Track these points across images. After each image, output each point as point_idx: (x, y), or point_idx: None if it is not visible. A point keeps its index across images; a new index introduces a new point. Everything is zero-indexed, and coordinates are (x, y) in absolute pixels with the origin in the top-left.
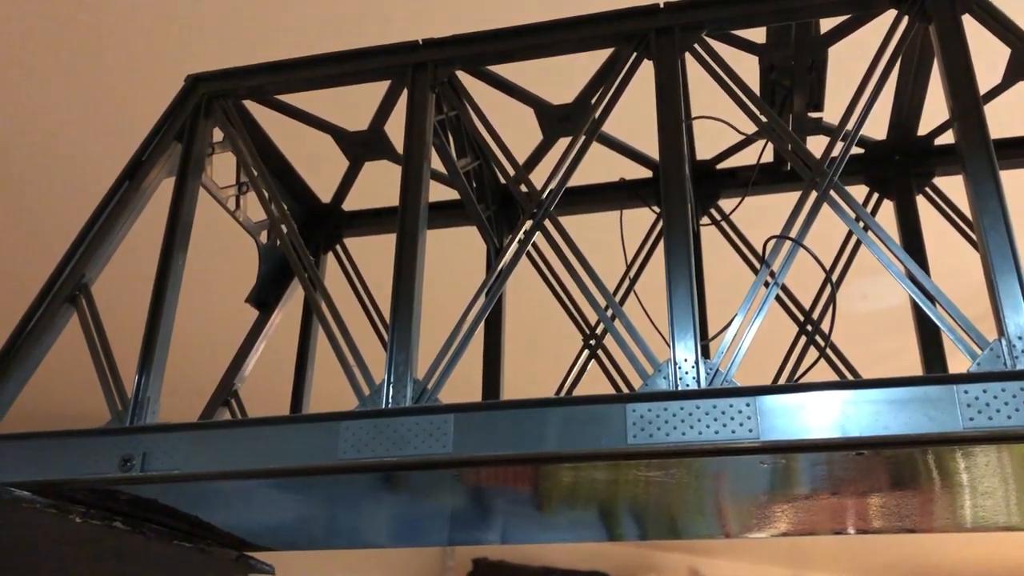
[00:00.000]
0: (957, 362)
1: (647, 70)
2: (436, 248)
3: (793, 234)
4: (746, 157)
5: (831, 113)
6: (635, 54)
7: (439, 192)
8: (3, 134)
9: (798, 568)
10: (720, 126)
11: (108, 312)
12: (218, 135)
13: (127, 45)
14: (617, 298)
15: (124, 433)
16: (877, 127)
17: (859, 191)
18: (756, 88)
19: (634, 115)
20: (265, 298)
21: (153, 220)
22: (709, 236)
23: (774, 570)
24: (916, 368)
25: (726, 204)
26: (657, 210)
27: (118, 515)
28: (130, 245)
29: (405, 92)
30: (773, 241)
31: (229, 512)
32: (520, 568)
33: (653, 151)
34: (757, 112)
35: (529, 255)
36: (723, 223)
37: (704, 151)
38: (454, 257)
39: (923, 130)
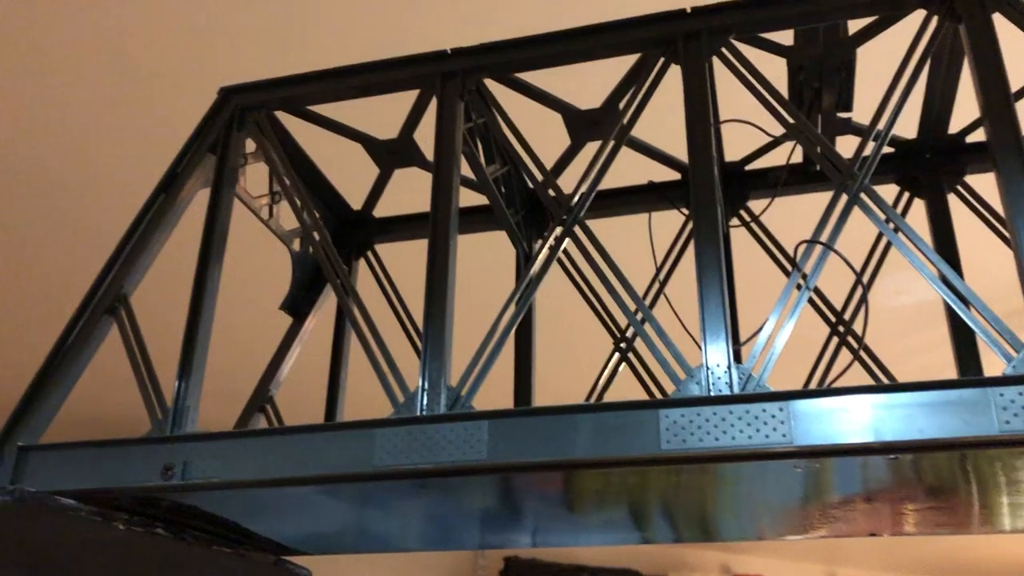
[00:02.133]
0: (991, 362)
1: (674, 71)
2: (465, 252)
3: (824, 237)
4: (775, 157)
5: (860, 112)
6: (663, 59)
7: (468, 197)
8: (40, 147)
9: (832, 564)
10: (749, 127)
11: (145, 319)
12: (250, 146)
13: (160, 57)
14: (647, 301)
15: (165, 442)
16: (907, 125)
17: (889, 190)
18: (784, 89)
19: (660, 116)
20: (298, 305)
21: (186, 229)
22: (738, 236)
23: (808, 567)
24: (950, 364)
25: (755, 205)
26: (686, 212)
27: (159, 521)
28: (166, 253)
29: (434, 100)
30: (804, 245)
31: (267, 517)
32: (551, 566)
33: (679, 151)
34: (785, 115)
35: (559, 260)
36: (753, 224)
37: (733, 152)
38: (483, 261)
39: (954, 128)
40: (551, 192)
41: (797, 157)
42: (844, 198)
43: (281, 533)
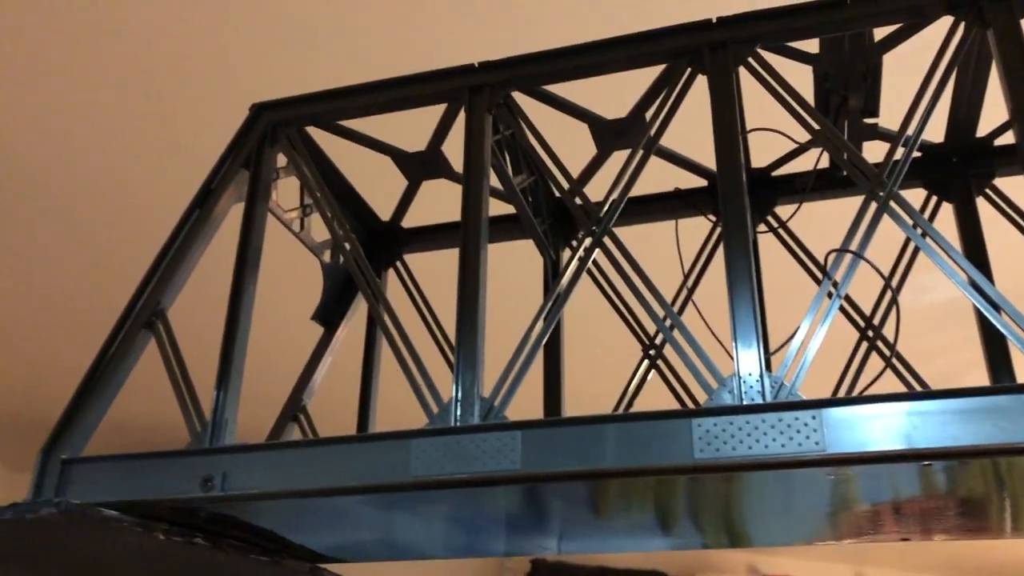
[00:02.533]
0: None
1: (700, 80)
2: (491, 260)
3: (854, 245)
4: (803, 163)
5: (886, 116)
6: (689, 70)
7: (495, 207)
8: (74, 163)
9: (860, 565)
10: (775, 132)
11: (181, 331)
12: (282, 160)
13: (191, 72)
14: (675, 308)
15: (204, 454)
16: (934, 129)
17: (917, 194)
18: (809, 95)
19: (685, 123)
20: (330, 315)
21: (217, 243)
22: (766, 240)
23: (836, 567)
24: (977, 364)
25: (783, 211)
26: (713, 219)
27: (198, 531)
28: (199, 266)
29: (462, 113)
30: (834, 254)
31: (303, 526)
32: (578, 568)
33: (705, 158)
34: (812, 122)
35: (588, 270)
36: (780, 230)
37: (760, 158)
38: (510, 268)
39: (982, 130)
40: (579, 202)
41: (824, 162)
42: (873, 205)
43: (317, 541)
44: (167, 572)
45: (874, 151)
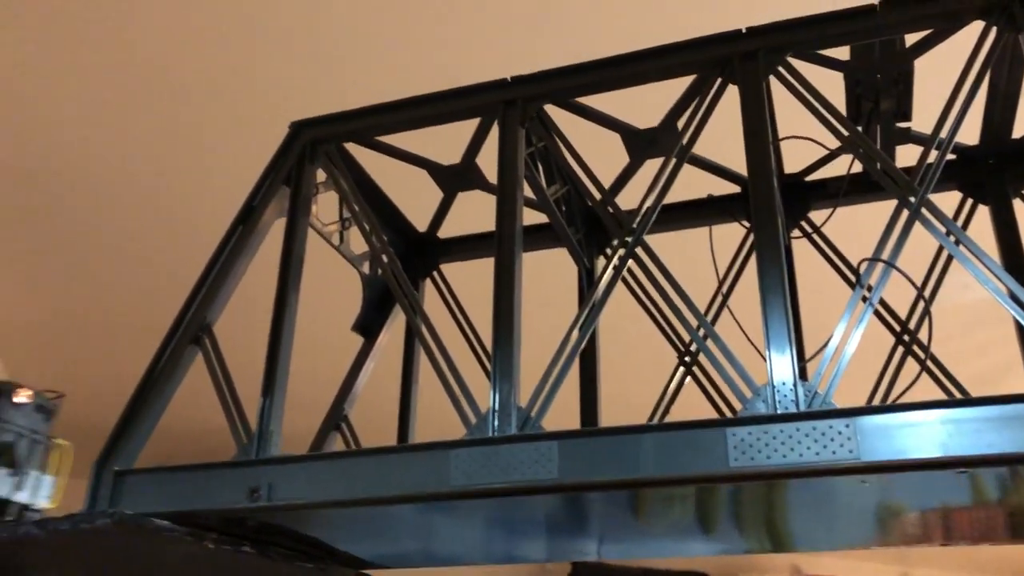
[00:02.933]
0: None
1: (731, 88)
2: (527, 268)
3: (886, 252)
4: (837, 167)
5: (920, 118)
6: (720, 79)
7: (529, 216)
8: (121, 178)
9: (906, 565)
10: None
11: (225, 343)
12: (321, 175)
13: (233, 89)
14: (711, 314)
15: (251, 465)
16: (969, 132)
17: (953, 197)
18: (841, 100)
19: (718, 129)
20: (369, 325)
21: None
22: (800, 246)
23: (881, 567)
24: (1015, 365)
25: (817, 215)
26: (747, 225)
27: (246, 539)
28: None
29: (496, 126)
30: (867, 263)
31: (347, 534)
32: (619, 569)
33: (738, 163)
34: (842, 130)
35: (623, 278)
36: (814, 235)
37: (793, 164)
38: (545, 277)
39: (1018, 132)
40: (611, 212)
41: (858, 167)
42: (905, 213)
43: (361, 549)
44: None
45: (911, 154)
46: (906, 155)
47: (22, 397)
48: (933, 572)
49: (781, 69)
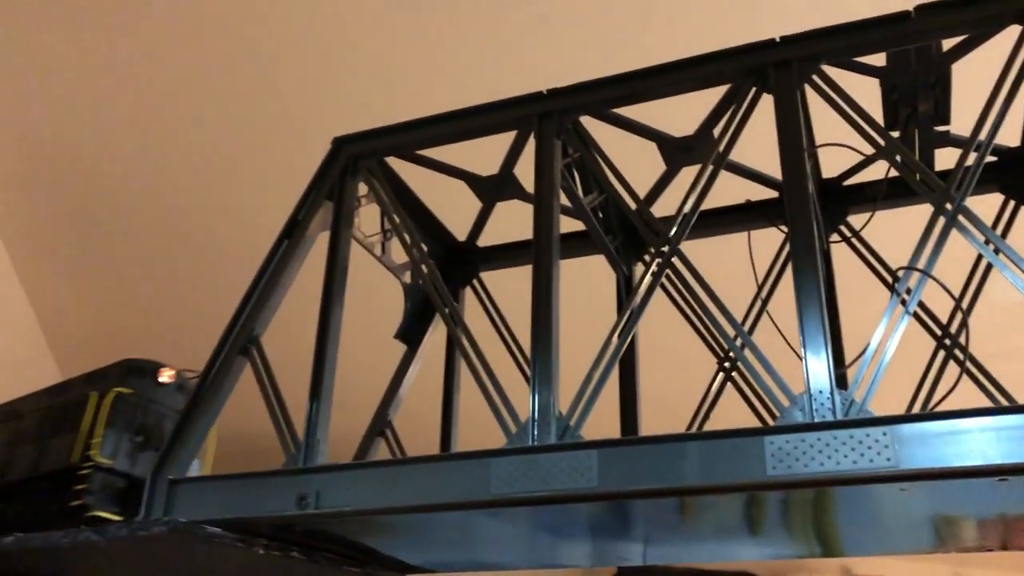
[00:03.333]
0: None
1: (766, 96)
2: (566, 275)
3: (923, 260)
4: (875, 170)
5: (959, 123)
6: (754, 89)
7: (568, 223)
8: (185, 182)
9: (958, 565)
10: (846, 142)
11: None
12: (362, 188)
13: (283, 102)
14: (751, 319)
15: (299, 473)
16: (1010, 133)
17: (994, 199)
18: (877, 104)
19: (756, 134)
20: (412, 334)
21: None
22: (840, 248)
23: (933, 567)
24: None
25: (856, 219)
26: (785, 229)
27: (294, 545)
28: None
29: (532, 137)
30: (903, 272)
31: (392, 539)
32: (665, 569)
33: (777, 167)
34: (877, 138)
35: (662, 284)
36: (853, 239)
37: (830, 168)
38: (582, 283)
39: None
40: (646, 221)
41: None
42: (941, 220)
43: (407, 553)
44: None
45: (951, 157)
46: (946, 158)
47: (165, 377)
48: (987, 572)
49: (815, 77)
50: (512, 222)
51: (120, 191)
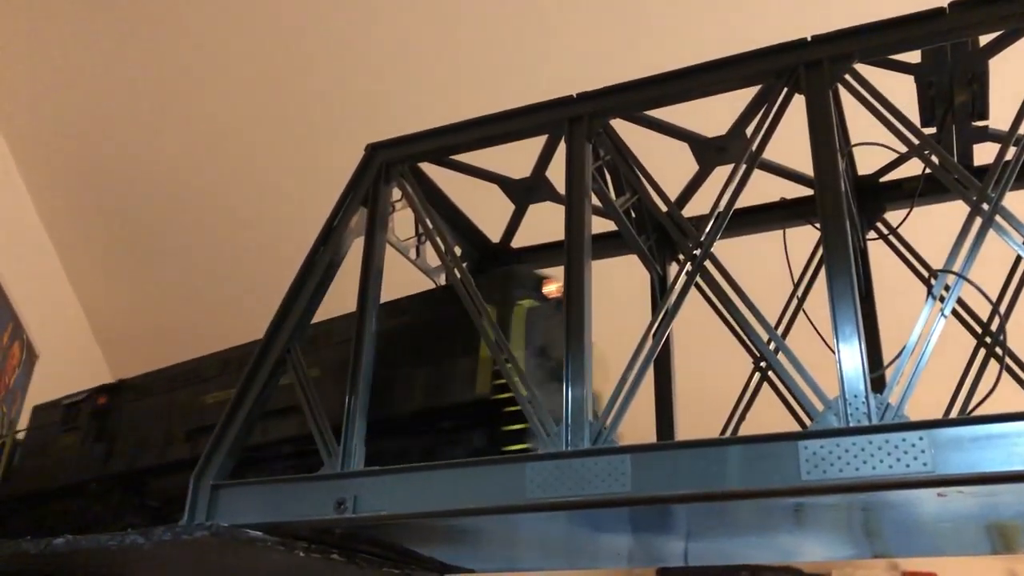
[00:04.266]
0: None
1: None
2: (601, 276)
3: (959, 263)
4: (911, 167)
5: (998, 117)
6: (786, 89)
7: (602, 223)
8: (230, 181)
9: (1012, 562)
10: (881, 138)
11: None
12: (396, 193)
13: (316, 108)
14: (785, 320)
15: (336, 478)
16: None
17: None
18: (913, 100)
19: (790, 131)
20: None
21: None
22: (878, 246)
23: (985, 562)
24: None
25: (893, 217)
26: (819, 228)
27: (334, 548)
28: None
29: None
30: (939, 274)
31: (430, 539)
32: (706, 569)
33: (809, 166)
34: (911, 137)
35: (696, 284)
36: (891, 236)
37: (866, 165)
38: (617, 284)
39: None
40: (678, 224)
41: None
42: (978, 221)
43: (444, 554)
44: None
45: (991, 151)
46: (988, 154)
47: (553, 288)
48: None
49: (847, 77)
50: (548, 223)
51: (165, 191)
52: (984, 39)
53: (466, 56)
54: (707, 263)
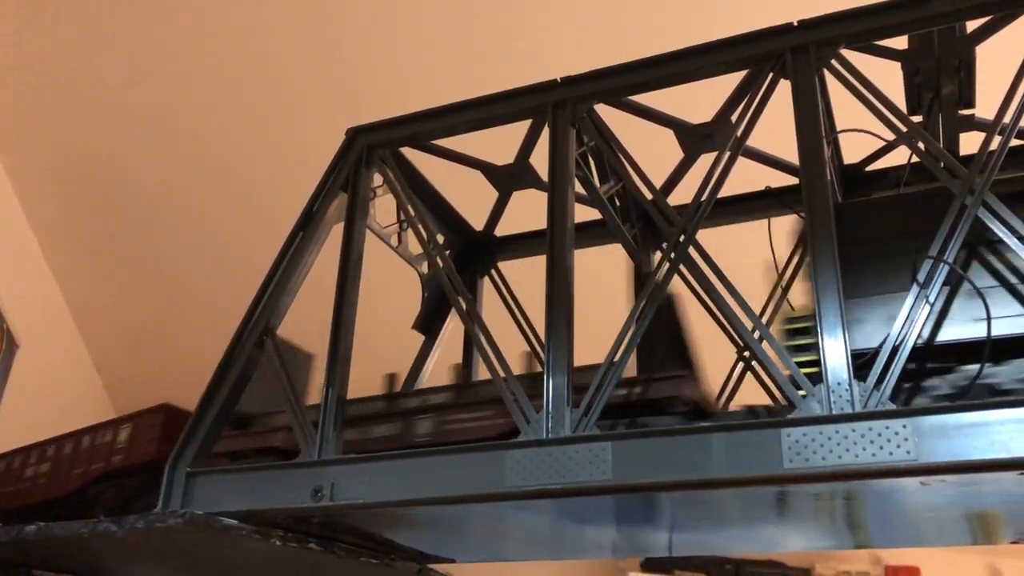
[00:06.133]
0: None
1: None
2: (586, 264)
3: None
4: (897, 156)
5: (985, 106)
6: (771, 75)
7: (587, 212)
8: (202, 173)
9: (993, 556)
10: (867, 128)
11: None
12: (378, 179)
13: (295, 92)
14: (771, 308)
15: (314, 466)
16: None
17: None
18: (899, 89)
19: (778, 119)
20: (430, 324)
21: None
22: None
23: (967, 558)
24: None
25: None
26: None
27: (312, 537)
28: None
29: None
30: (923, 260)
31: (410, 529)
32: (693, 557)
33: (795, 155)
34: (898, 123)
35: (680, 272)
36: None
37: (852, 154)
38: (598, 273)
39: None
40: (662, 210)
41: None
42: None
43: (425, 544)
44: (284, 573)
45: (977, 141)
46: (974, 143)
47: None
48: (1023, 563)
49: (834, 62)
50: (532, 211)
51: (149, 183)
52: (971, 26)
53: (450, 40)
54: (691, 250)
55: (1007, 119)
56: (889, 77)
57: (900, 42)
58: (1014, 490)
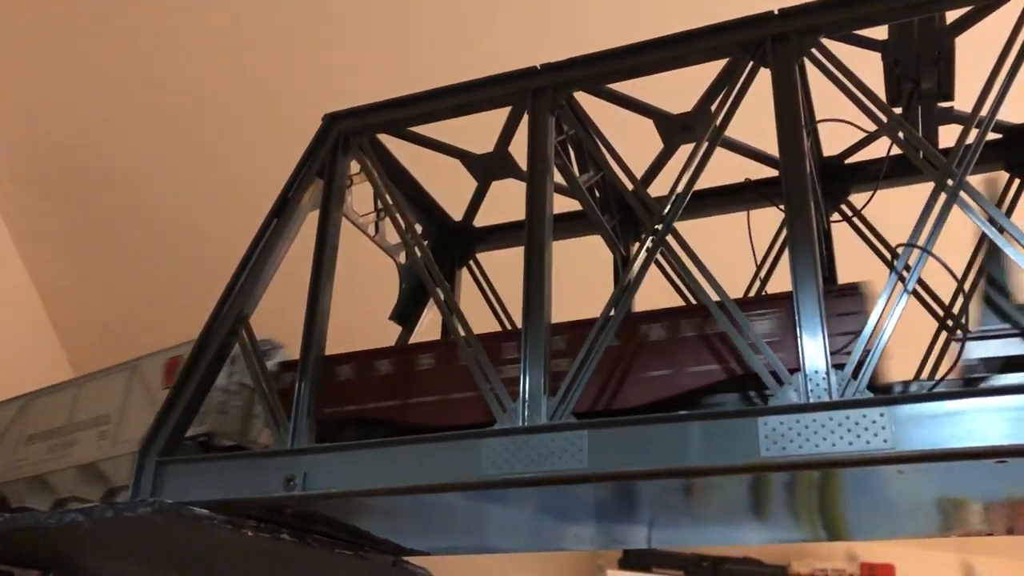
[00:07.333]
0: None
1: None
2: (561, 256)
3: (923, 238)
4: (877, 148)
5: (963, 99)
6: (752, 63)
7: (567, 204)
8: (178, 166)
9: (967, 553)
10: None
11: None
12: (355, 166)
13: (271, 79)
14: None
15: (286, 455)
16: (1016, 110)
17: (999, 178)
18: (880, 80)
19: (761, 111)
20: (407, 314)
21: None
22: (842, 228)
23: (941, 555)
24: None
25: (858, 198)
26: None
27: (285, 527)
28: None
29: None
30: (902, 248)
31: (384, 520)
32: (671, 555)
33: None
34: (879, 113)
35: (657, 262)
36: (855, 218)
37: (832, 146)
38: (580, 262)
39: None
40: (642, 200)
41: (899, 148)
42: (943, 197)
43: (400, 536)
44: (257, 565)
45: (956, 134)
46: (953, 136)
47: None
48: (996, 560)
49: (815, 51)
50: (513, 201)
51: (124, 178)
52: (951, 16)
53: (430, 28)
54: (670, 238)
55: (984, 112)
56: (869, 71)
57: (881, 32)
58: (992, 479)
